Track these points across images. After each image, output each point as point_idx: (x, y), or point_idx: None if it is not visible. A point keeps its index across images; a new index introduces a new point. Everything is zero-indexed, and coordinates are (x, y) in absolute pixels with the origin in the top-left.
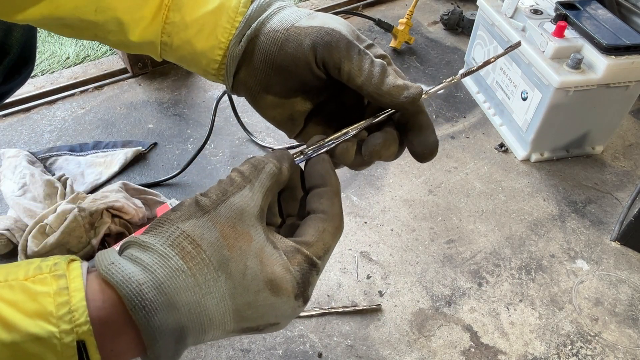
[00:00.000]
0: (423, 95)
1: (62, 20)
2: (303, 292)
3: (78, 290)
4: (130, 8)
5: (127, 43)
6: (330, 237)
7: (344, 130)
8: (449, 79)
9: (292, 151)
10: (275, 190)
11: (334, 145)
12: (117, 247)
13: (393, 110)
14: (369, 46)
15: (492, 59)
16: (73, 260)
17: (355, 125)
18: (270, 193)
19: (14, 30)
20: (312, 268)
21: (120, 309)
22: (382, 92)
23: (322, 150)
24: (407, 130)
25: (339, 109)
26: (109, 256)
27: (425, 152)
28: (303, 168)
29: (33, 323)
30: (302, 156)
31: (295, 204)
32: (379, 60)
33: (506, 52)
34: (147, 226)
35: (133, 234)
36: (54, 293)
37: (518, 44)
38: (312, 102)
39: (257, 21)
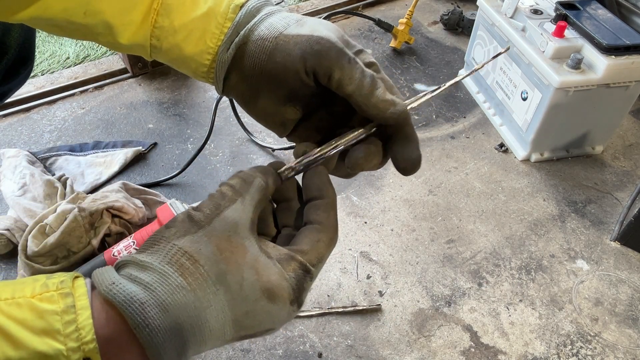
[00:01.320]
0: (412, 105)
1: (52, 21)
2: (298, 297)
3: (84, 309)
4: (118, 12)
5: (116, 45)
6: (325, 247)
7: (334, 144)
8: (432, 89)
9: (284, 167)
10: (264, 202)
11: (323, 159)
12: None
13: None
14: (358, 52)
15: (480, 66)
16: (77, 277)
17: (345, 139)
18: (259, 205)
19: (12, 29)
20: (306, 274)
21: (124, 327)
22: (370, 103)
23: (315, 164)
24: (392, 142)
25: (328, 115)
26: (109, 276)
27: (407, 167)
28: (297, 179)
29: (41, 341)
30: (292, 172)
31: (291, 215)
32: (369, 71)
33: (495, 57)
34: (142, 244)
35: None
36: (61, 311)
37: (507, 49)
38: (302, 110)
39: (245, 28)
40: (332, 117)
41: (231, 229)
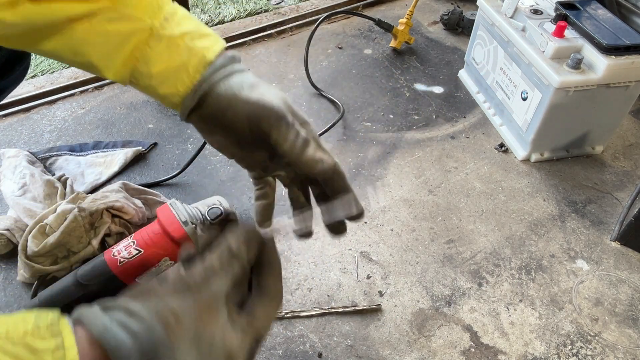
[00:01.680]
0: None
1: (44, 54)
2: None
3: (72, 347)
4: (102, 56)
5: (101, 76)
6: (274, 313)
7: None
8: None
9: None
10: (242, 275)
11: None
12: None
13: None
14: (302, 123)
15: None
16: (60, 317)
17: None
18: (238, 278)
19: None
20: (258, 343)
21: None
22: (301, 161)
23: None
24: (324, 197)
25: (270, 154)
26: (100, 320)
27: (332, 231)
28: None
29: None
30: None
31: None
32: (303, 135)
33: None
34: (134, 290)
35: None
36: (52, 350)
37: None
38: (247, 152)
39: (208, 82)
40: (274, 156)
41: (213, 299)
